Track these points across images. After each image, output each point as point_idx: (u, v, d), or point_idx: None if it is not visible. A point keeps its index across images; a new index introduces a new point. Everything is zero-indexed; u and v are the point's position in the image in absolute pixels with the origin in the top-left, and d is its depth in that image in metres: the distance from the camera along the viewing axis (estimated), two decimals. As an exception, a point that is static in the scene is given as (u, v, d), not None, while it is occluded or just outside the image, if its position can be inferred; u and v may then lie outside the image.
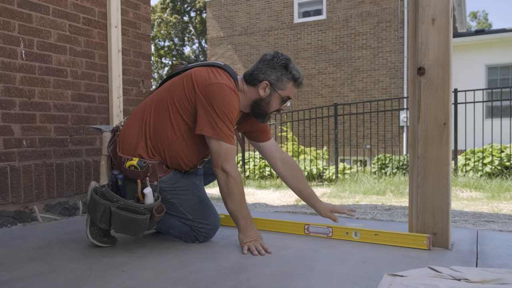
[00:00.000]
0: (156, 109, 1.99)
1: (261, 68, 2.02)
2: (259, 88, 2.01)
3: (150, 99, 2.06)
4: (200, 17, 28.01)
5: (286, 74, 2.01)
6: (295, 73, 2.04)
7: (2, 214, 2.47)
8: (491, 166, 6.97)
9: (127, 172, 1.93)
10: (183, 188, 2.04)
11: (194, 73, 1.95)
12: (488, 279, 1.45)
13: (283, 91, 2.04)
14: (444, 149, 1.89)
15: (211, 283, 1.51)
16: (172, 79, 2.05)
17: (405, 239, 1.98)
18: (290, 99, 2.11)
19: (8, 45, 2.50)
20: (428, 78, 1.91)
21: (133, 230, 1.88)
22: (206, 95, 1.88)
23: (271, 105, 2.05)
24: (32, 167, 2.61)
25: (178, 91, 1.95)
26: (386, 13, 12.45)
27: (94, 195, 1.86)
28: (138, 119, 2.03)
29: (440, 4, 1.88)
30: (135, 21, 3.35)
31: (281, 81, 2.01)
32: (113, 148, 2.06)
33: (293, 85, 2.06)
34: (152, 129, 1.98)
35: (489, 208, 4.14)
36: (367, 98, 12.42)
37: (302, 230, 2.26)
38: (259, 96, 2.03)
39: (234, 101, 1.91)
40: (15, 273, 1.64)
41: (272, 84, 2.01)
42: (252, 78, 2.03)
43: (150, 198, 1.88)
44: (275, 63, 2.01)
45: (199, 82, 1.91)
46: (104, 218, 1.85)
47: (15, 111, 2.55)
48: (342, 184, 7.44)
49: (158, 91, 2.06)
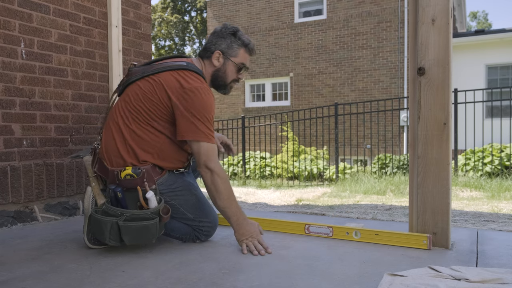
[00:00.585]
0: (133, 118, 1.96)
1: (211, 40, 2.12)
2: (213, 59, 2.10)
3: (120, 109, 2.01)
4: (201, 17, 28.01)
5: (235, 41, 2.11)
6: (245, 39, 2.12)
7: (2, 213, 2.47)
8: (491, 166, 6.97)
9: (124, 182, 1.90)
10: (180, 189, 2.04)
11: (164, 83, 1.94)
12: (488, 279, 1.45)
13: (236, 58, 2.12)
14: (444, 149, 1.89)
15: (211, 283, 1.52)
16: (139, 86, 1.99)
17: (405, 239, 1.98)
18: (247, 68, 2.18)
19: (8, 45, 2.50)
20: (428, 78, 1.91)
21: (146, 238, 1.86)
22: (182, 103, 1.91)
23: (227, 74, 2.13)
24: (32, 166, 2.61)
25: (152, 100, 1.94)
26: (386, 13, 12.45)
27: (96, 215, 1.83)
28: (116, 131, 1.98)
29: (440, 5, 1.88)
30: (136, 20, 3.35)
31: (232, 48, 2.10)
32: (99, 166, 2.01)
33: (245, 51, 2.14)
34: (137, 138, 1.95)
35: (489, 208, 4.14)
36: (368, 98, 12.42)
37: (302, 230, 2.26)
38: (215, 68, 2.11)
39: (211, 101, 1.95)
40: (15, 273, 1.64)
41: (224, 53, 2.10)
42: (205, 52, 2.12)
43: (154, 201, 1.87)
44: (223, 32, 2.10)
45: (173, 91, 1.92)
46: (112, 235, 1.81)
47: (15, 111, 2.55)
48: (343, 184, 7.44)
49: (125, 100, 2.01)
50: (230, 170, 10.49)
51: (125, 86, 2.07)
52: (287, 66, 13.99)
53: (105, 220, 1.80)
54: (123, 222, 1.80)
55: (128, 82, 2.05)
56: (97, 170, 2.02)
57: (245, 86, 14.82)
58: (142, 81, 2.00)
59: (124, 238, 1.82)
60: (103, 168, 1.99)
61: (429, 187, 1.93)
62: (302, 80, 13.72)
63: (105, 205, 1.84)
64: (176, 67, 1.98)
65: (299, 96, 13.76)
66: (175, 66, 1.99)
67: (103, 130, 2.07)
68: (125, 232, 1.81)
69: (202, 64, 2.13)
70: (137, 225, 1.81)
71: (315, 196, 6.04)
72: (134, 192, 1.89)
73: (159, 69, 1.99)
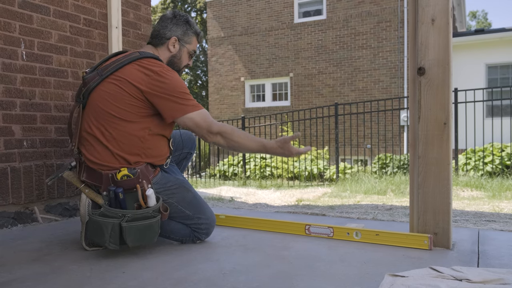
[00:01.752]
0: (109, 124, 1.91)
1: (165, 26, 2.14)
2: (169, 45, 2.13)
3: (91, 119, 1.94)
4: (201, 17, 28.02)
5: (190, 28, 2.18)
6: (197, 28, 2.22)
7: (2, 215, 2.47)
8: (492, 165, 6.97)
9: (122, 183, 1.86)
10: (176, 186, 2.04)
11: (129, 78, 1.90)
12: (490, 279, 1.44)
13: (190, 45, 2.20)
14: (444, 149, 1.89)
15: (212, 283, 1.51)
16: (103, 90, 1.93)
17: (406, 239, 1.98)
18: (195, 54, 2.26)
19: (9, 46, 2.50)
20: (428, 78, 1.91)
21: (148, 238, 1.84)
22: (155, 89, 1.89)
23: (182, 60, 2.19)
24: (32, 167, 2.61)
25: (123, 98, 1.89)
26: (386, 13, 12.45)
27: (95, 217, 1.77)
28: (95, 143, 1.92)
29: (440, 5, 1.87)
30: (136, 21, 3.35)
31: (187, 35, 2.17)
32: (88, 174, 1.94)
33: (196, 39, 2.23)
34: (119, 144, 1.90)
35: (490, 208, 4.14)
36: (368, 97, 12.43)
37: (303, 230, 2.26)
38: (170, 53, 2.15)
39: (178, 78, 1.98)
40: (16, 274, 1.64)
41: (180, 39, 2.15)
42: (159, 38, 2.14)
43: (153, 199, 1.86)
44: (178, 20, 2.16)
45: (140, 82, 1.89)
46: (113, 238, 1.77)
47: (15, 112, 2.55)
48: (343, 184, 7.44)
49: (93, 108, 1.94)
50: (231, 171, 10.49)
51: (87, 96, 1.98)
52: (287, 66, 14.00)
53: (106, 221, 1.76)
54: (126, 223, 1.77)
55: (89, 91, 1.97)
56: (86, 179, 1.94)
57: (245, 86, 14.83)
58: (103, 84, 1.93)
59: (127, 239, 1.78)
60: (94, 175, 1.92)
61: (429, 187, 1.93)
62: (302, 80, 13.72)
63: (103, 208, 1.80)
64: (132, 59, 1.94)
65: (299, 96, 13.76)
66: (131, 59, 1.95)
67: (80, 143, 1.98)
68: (128, 233, 1.78)
69: (155, 51, 2.13)
70: (140, 224, 1.80)
71: (316, 196, 6.04)
72: (131, 193, 1.87)
73: (116, 66, 1.94)
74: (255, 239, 2.17)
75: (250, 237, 2.23)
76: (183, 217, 2.06)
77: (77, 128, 2.00)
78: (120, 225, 1.77)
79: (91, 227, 1.81)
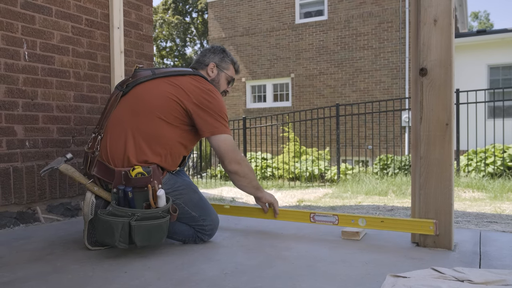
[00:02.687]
0: (147, 117, 1.96)
1: (204, 54, 2.32)
2: (208, 70, 2.28)
3: (129, 110, 2.00)
4: (202, 18, 28.04)
5: (227, 56, 2.34)
6: (233, 58, 2.38)
7: (4, 214, 2.47)
8: (494, 167, 6.95)
9: (135, 181, 1.86)
10: (183, 187, 2.06)
11: (183, 86, 2.03)
12: (491, 280, 1.44)
13: (228, 71, 2.33)
14: (446, 149, 1.89)
15: (214, 284, 1.52)
16: (155, 85, 2.02)
17: (411, 225, 1.97)
18: (233, 82, 2.40)
19: (11, 47, 2.51)
20: (430, 79, 1.91)
21: (157, 238, 1.85)
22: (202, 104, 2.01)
23: (220, 84, 2.31)
24: (35, 167, 2.62)
25: (172, 99, 1.99)
26: (387, 14, 12.45)
27: (105, 217, 1.77)
28: (122, 132, 1.96)
29: (442, 5, 1.88)
30: (138, 22, 3.35)
31: (224, 61, 2.32)
32: (99, 169, 1.96)
33: (233, 68, 2.37)
34: (151, 137, 1.95)
35: (491, 209, 4.14)
36: (369, 98, 12.42)
37: (308, 218, 2.24)
38: (210, 78, 2.26)
39: (223, 101, 2.11)
40: (18, 274, 1.64)
41: (218, 65, 2.30)
42: (199, 64, 2.30)
43: (163, 199, 1.86)
44: (215, 49, 2.34)
45: (193, 94, 2.02)
46: (122, 237, 1.77)
47: (18, 112, 2.55)
48: (344, 185, 7.44)
49: (137, 98, 2.01)
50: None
51: (131, 87, 2.06)
52: (288, 67, 13.99)
53: (116, 221, 1.76)
54: (135, 222, 1.77)
55: (136, 83, 2.06)
56: (96, 173, 1.96)
57: (246, 87, 14.82)
58: (154, 82, 2.04)
59: (135, 238, 1.78)
60: (106, 170, 1.94)
61: (431, 188, 1.93)
62: (303, 81, 13.72)
63: (112, 207, 1.80)
64: (188, 73, 2.10)
65: (300, 97, 13.75)
66: (187, 72, 2.11)
67: (105, 131, 2.02)
68: (137, 232, 1.77)
69: None
70: (150, 224, 1.80)
71: (317, 197, 6.04)
72: (141, 192, 1.87)
73: (171, 72, 2.08)
74: (257, 240, 2.17)
75: (251, 237, 2.23)
76: (189, 218, 2.06)
77: (105, 115, 2.07)
78: (130, 224, 1.77)
79: (100, 227, 1.80)
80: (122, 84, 2.12)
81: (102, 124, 2.07)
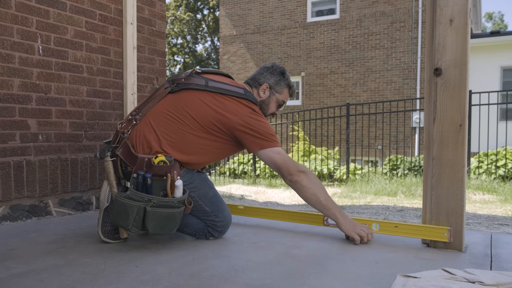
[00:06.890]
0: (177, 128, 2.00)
1: (261, 73, 2.26)
2: (260, 90, 2.23)
3: (169, 112, 2.03)
4: (213, 15, 28.06)
5: (283, 79, 2.26)
6: (290, 81, 2.30)
7: (17, 207, 2.50)
8: (505, 169, 6.89)
9: (157, 168, 1.89)
10: (199, 181, 2.08)
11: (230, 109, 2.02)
12: (503, 283, 1.43)
13: (280, 95, 2.27)
14: (459, 151, 1.88)
15: (224, 280, 1.52)
16: (199, 97, 2.04)
17: (425, 231, 1.96)
18: (284, 105, 2.34)
19: (26, 41, 2.54)
20: (445, 79, 1.89)
21: (169, 227, 1.86)
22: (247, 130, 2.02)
23: (269, 107, 2.26)
24: (47, 161, 2.65)
25: (207, 119, 2.01)
26: (400, 13, 12.36)
27: (123, 199, 1.79)
28: (154, 129, 2.00)
29: (458, 5, 1.86)
30: (151, 18, 3.37)
31: (279, 85, 2.25)
32: (123, 151, 2.00)
33: (288, 91, 2.30)
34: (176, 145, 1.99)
35: (502, 211, 4.10)
36: (380, 98, 12.36)
37: (321, 221, 2.26)
38: (260, 98, 2.23)
39: (269, 124, 2.10)
40: (31, 266, 1.66)
41: (271, 87, 2.24)
42: (254, 81, 2.26)
43: (180, 190, 1.88)
44: (274, 69, 2.26)
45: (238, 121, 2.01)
46: (136, 221, 1.79)
47: (31, 106, 2.58)
48: (353, 185, 7.42)
49: (179, 105, 2.03)
50: (240, 169, 10.51)
51: (181, 89, 2.07)
52: (298, 65, 13.97)
53: (132, 204, 1.78)
54: (151, 208, 1.79)
55: (186, 87, 2.06)
56: (121, 154, 2.00)
57: (257, 85, 14.81)
58: (206, 95, 2.04)
59: (148, 224, 1.80)
60: (129, 153, 1.98)
61: (443, 189, 1.92)
62: (314, 80, 13.68)
63: (130, 191, 1.82)
64: (240, 96, 2.07)
65: (311, 96, 13.73)
66: (239, 94, 2.07)
67: (142, 120, 2.05)
68: (151, 218, 1.79)
69: (251, 91, 2.23)
70: (164, 211, 1.81)
71: (326, 196, 6.01)
72: (160, 181, 1.89)
73: (222, 90, 2.05)
74: (267, 237, 2.18)
75: (261, 234, 2.24)
76: (202, 212, 2.08)
77: (147, 104, 2.10)
78: (145, 209, 1.79)
79: (116, 209, 1.82)
80: (173, 81, 2.11)
81: (141, 110, 2.10)
